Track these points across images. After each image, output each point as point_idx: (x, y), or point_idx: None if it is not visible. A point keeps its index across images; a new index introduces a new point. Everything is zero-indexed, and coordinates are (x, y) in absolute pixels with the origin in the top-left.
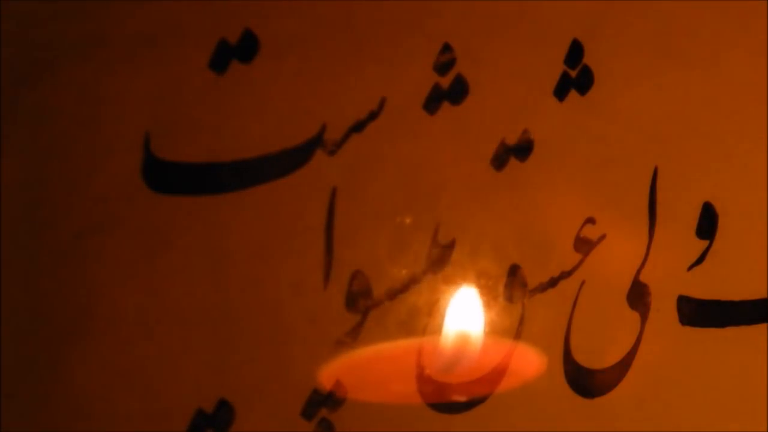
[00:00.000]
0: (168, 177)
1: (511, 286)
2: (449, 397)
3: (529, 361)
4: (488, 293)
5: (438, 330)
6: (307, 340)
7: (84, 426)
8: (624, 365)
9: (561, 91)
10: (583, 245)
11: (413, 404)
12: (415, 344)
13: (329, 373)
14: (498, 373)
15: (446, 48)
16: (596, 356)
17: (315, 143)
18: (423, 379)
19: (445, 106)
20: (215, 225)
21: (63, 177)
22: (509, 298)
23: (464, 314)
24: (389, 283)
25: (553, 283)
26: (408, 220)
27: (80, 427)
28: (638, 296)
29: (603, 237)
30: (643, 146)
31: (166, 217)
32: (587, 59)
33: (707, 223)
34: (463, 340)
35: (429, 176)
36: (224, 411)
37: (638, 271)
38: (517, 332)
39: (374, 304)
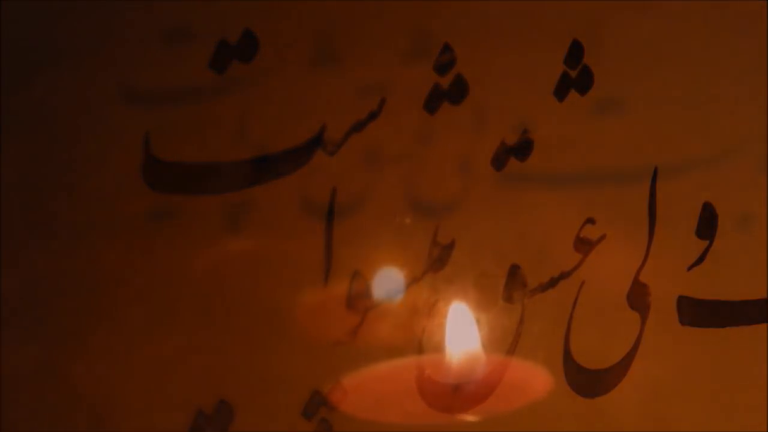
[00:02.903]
0: (168, 177)
1: (511, 286)
2: (454, 415)
3: (533, 377)
4: (488, 293)
5: (437, 331)
6: (307, 341)
7: (84, 426)
8: (624, 365)
9: (561, 91)
10: (583, 245)
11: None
12: (416, 363)
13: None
14: (501, 389)
15: (446, 48)
16: (596, 356)
17: (315, 143)
18: (427, 398)
19: (445, 106)
20: (215, 225)
21: (63, 177)
22: (509, 298)
23: (464, 334)
24: (389, 283)
25: (553, 283)
26: (408, 220)
27: (81, 427)
28: (638, 296)
29: (603, 237)
30: (643, 146)
31: (166, 217)
32: (587, 59)
33: (707, 223)
34: (467, 362)
35: (429, 176)
36: (224, 411)
37: (638, 271)
38: (517, 332)
39: (374, 304)
